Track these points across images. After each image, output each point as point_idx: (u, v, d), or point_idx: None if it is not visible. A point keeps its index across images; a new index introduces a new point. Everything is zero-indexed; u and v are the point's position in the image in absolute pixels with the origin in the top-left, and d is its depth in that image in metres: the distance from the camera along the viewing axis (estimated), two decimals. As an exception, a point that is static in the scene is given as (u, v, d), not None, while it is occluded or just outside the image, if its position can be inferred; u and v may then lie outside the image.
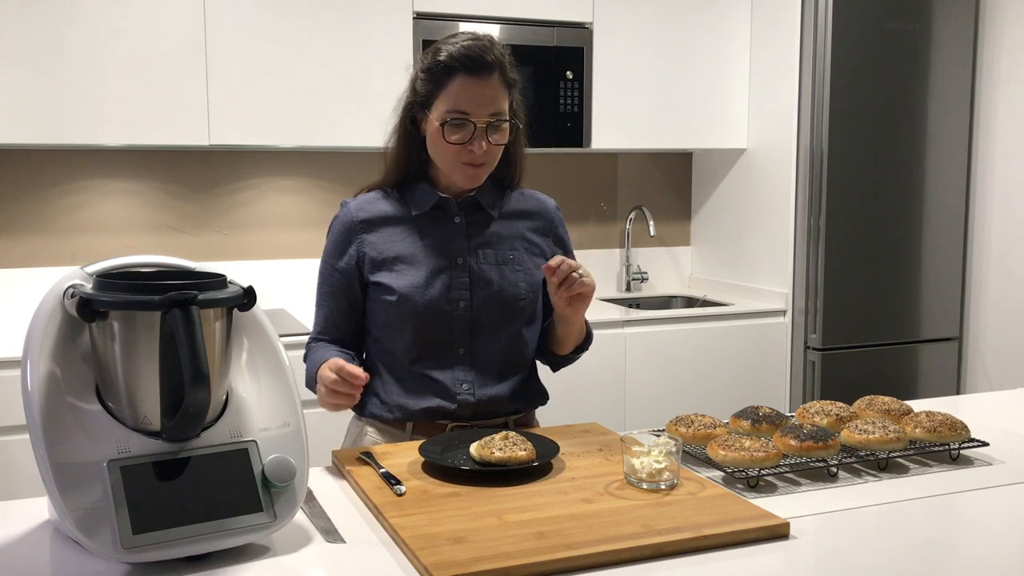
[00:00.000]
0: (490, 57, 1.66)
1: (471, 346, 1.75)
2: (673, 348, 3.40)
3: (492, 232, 1.79)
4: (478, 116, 1.67)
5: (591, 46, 3.45)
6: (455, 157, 1.69)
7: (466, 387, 1.74)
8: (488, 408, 1.77)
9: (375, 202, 1.80)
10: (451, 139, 1.67)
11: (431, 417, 1.75)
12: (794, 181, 3.50)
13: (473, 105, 1.66)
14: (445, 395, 1.74)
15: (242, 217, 3.43)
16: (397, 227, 1.77)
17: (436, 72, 1.68)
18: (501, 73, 1.69)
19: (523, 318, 1.79)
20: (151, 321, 1.18)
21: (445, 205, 1.77)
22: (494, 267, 1.76)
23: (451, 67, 1.66)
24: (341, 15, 3.11)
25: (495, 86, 1.68)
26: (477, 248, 1.77)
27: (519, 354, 1.80)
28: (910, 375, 3.65)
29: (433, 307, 1.72)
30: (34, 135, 2.83)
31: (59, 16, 2.81)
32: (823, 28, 3.36)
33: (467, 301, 1.74)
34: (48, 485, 1.15)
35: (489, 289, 1.75)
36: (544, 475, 1.49)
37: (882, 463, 1.57)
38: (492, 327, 1.75)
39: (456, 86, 1.66)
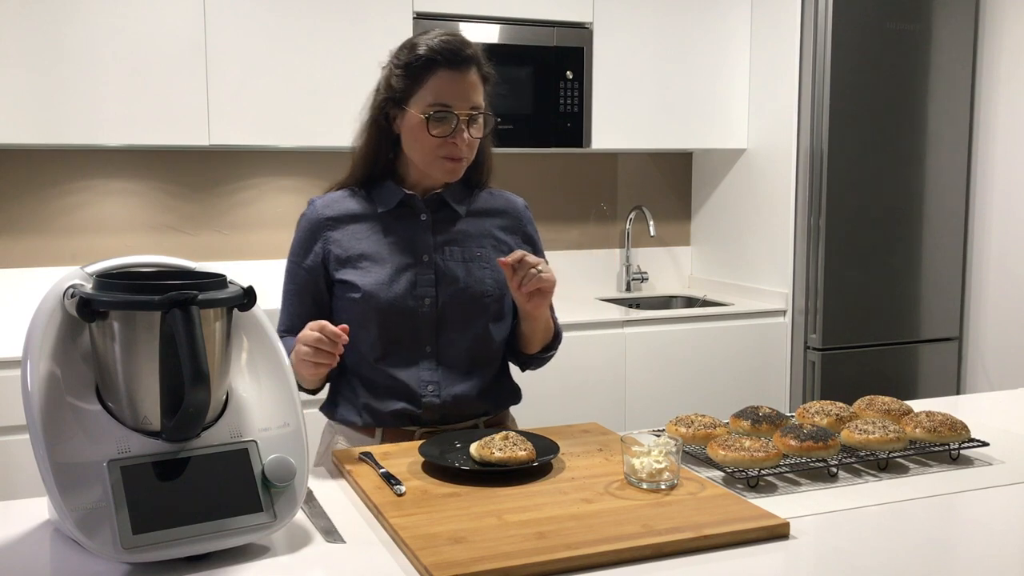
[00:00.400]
0: (469, 51, 1.69)
1: (437, 344, 1.74)
2: (673, 348, 3.40)
3: (459, 230, 1.79)
4: (460, 109, 1.68)
5: (591, 46, 3.45)
6: (436, 151, 1.70)
7: (431, 388, 1.73)
8: (455, 410, 1.75)
9: (341, 200, 1.81)
10: (434, 132, 1.68)
11: (398, 421, 1.74)
12: (794, 181, 3.50)
13: (455, 98, 1.67)
14: (410, 398, 1.73)
15: (242, 217, 3.43)
16: (362, 224, 1.77)
17: (416, 67, 1.68)
18: (478, 67, 1.71)
19: (489, 315, 1.78)
20: (151, 321, 1.18)
21: (411, 202, 1.77)
22: (460, 264, 1.76)
23: (432, 60, 1.67)
24: (341, 15, 3.11)
25: (473, 79, 1.70)
26: (443, 245, 1.76)
27: (486, 352, 1.79)
28: (910, 375, 3.65)
29: (398, 304, 1.71)
30: (34, 135, 2.83)
31: (59, 16, 2.81)
32: (823, 28, 3.36)
33: (432, 298, 1.73)
34: (48, 485, 1.15)
35: (455, 286, 1.74)
36: (544, 475, 1.49)
37: (882, 463, 1.57)
38: (458, 324, 1.74)
39: (438, 80, 1.67)
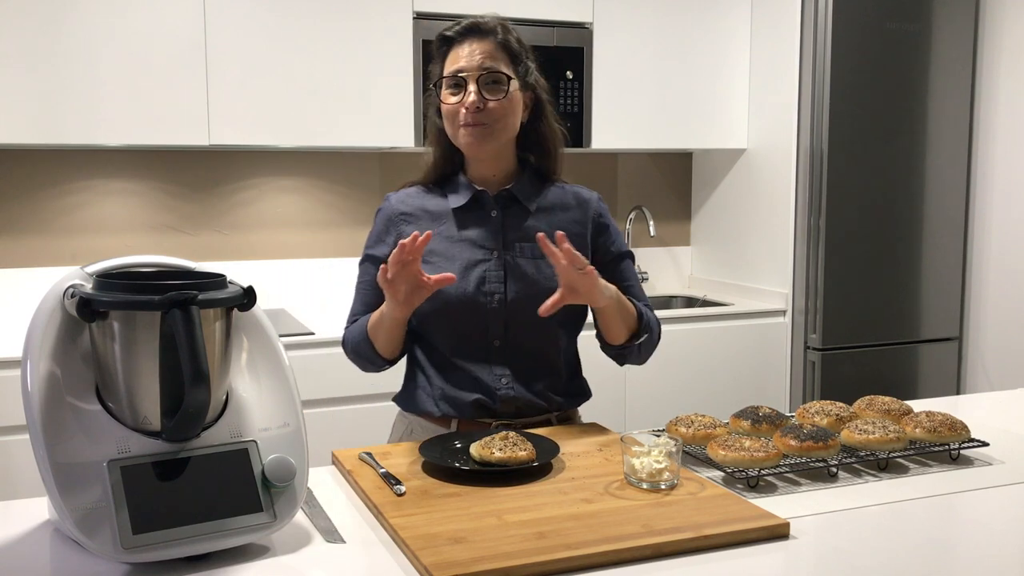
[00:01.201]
0: (484, 26, 1.74)
1: (506, 340, 1.76)
2: (673, 348, 3.40)
3: (530, 226, 1.80)
4: (469, 71, 1.71)
5: (591, 46, 3.45)
6: (455, 120, 1.73)
7: (505, 381, 1.75)
8: (530, 404, 1.77)
9: (416, 196, 1.85)
10: (448, 101, 1.72)
11: (476, 412, 1.75)
12: (794, 181, 3.50)
13: (464, 63, 1.71)
14: (486, 391, 1.75)
15: (242, 217, 3.43)
16: (435, 220, 1.80)
17: (438, 50, 1.77)
18: (494, 36, 1.74)
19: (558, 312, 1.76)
20: (151, 321, 1.18)
21: (482, 198, 1.79)
22: (530, 261, 1.77)
23: (447, 38, 1.75)
24: (341, 15, 3.11)
25: (487, 47, 1.72)
26: (514, 242, 1.78)
27: (555, 348, 1.81)
28: (910, 375, 3.65)
29: (467, 299, 1.73)
30: (34, 135, 2.83)
31: (59, 16, 2.81)
32: (823, 28, 3.36)
33: (501, 294, 1.74)
34: (48, 485, 1.15)
35: (524, 282, 1.76)
36: (544, 475, 1.49)
37: (882, 463, 1.57)
38: (527, 321, 1.74)
39: (454, 53, 1.73)
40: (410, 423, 1.83)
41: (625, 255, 1.89)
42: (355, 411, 2.92)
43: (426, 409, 1.79)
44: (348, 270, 3.56)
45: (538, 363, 1.78)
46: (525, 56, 1.78)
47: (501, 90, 1.72)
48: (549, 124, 1.83)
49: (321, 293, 3.52)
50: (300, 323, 3.10)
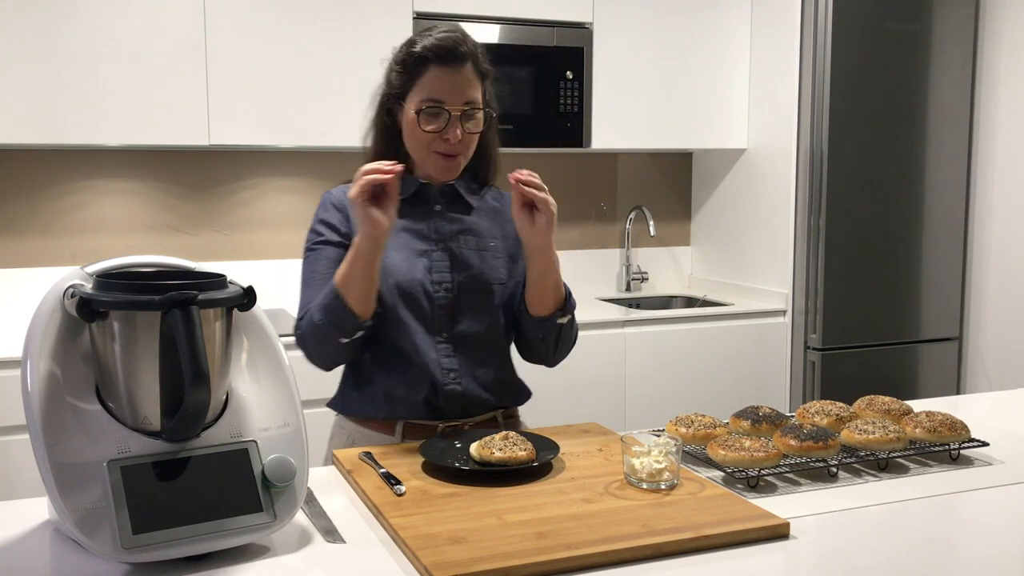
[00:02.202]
0: (463, 48, 1.70)
1: (452, 330, 1.75)
2: (673, 348, 3.40)
3: (472, 221, 1.81)
4: (452, 104, 1.69)
5: (591, 46, 3.45)
6: (429, 146, 1.71)
7: (452, 375, 1.73)
8: (475, 401, 1.76)
9: None
10: (426, 128, 1.70)
11: (423, 412, 1.73)
12: (794, 181, 3.50)
13: (447, 94, 1.69)
14: (432, 386, 1.72)
15: (242, 217, 3.43)
16: None
17: (410, 64, 1.71)
18: (474, 63, 1.72)
19: (501, 306, 1.78)
20: (151, 321, 1.18)
21: (426, 192, 1.78)
22: (475, 252, 1.77)
23: (425, 58, 1.69)
24: (341, 15, 3.11)
25: (468, 75, 1.71)
26: (458, 234, 1.78)
27: (499, 342, 1.80)
28: (910, 375, 3.65)
29: (415, 288, 1.72)
30: (34, 135, 2.83)
31: (59, 16, 2.81)
32: (823, 28, 3.36)
33: (449, 283, 1.74)
34: (48, 485, 1.15)
35: (469, 272, 1.76)
36: (544, 475, 1.49)
37: (882, 463, 1.57)
38: (473, 312, 1.75)
39: (430, 76, 1.69)
40: (350, 433, 1.78)
41: None
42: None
43: (367, 412, 1.76)
44: (348, 270, 3.56)
45: (484, 357, 1.77)
46: (491, 73, 1.77)
47: (477, 121, 1.73)
48: (493, 134, 1.83)
49: (321, 293, 3.51)
50: (300, 323, 3.09)
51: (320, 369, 1.74)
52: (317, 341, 1.68)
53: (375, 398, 1.75)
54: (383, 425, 1.75)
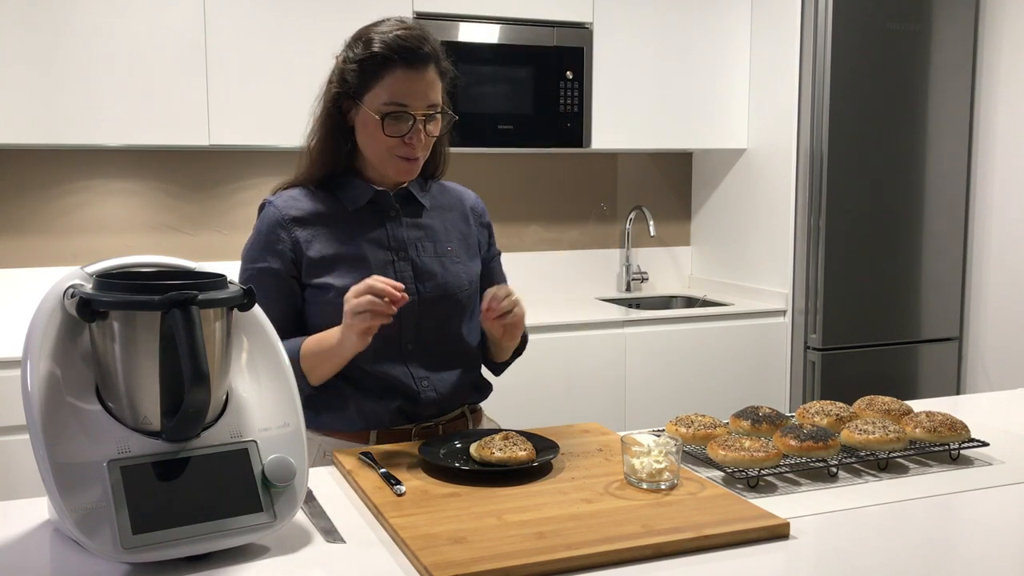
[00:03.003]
0: (427, 48, 1.65)
1: (418, 341, 1.73)
2: (673, 348, 3.40)
3: (427, 224, 1.78)
4: (416, 108, 1.65)
5: (591, 46, 3.44)
6: (391, 150, 1.67)
7: (426, 383, 1.73)
8: (449, 403, 1.77)
9: (302, 200, 1.73)
10: (390, 133, 1.64)
11: (396, 420, 1.72)
12: (794, 181, 3.50)
13: (412, 98, 1.64)
14: (406, 395, 1.72)
15: (242, 217, 3.43)
16: (332, 225, 1.71)
17: (371, 63, 1.64)
18: (436, 64, 1.67)
19: (464, 311, 1.78)
20: (151, 321, 1.18)
21: (382, 199, 1.74)
22: (435, 259, 1.75)
23: (388, 58, 1.63)
24: (341, 15, 3.11)
25: (431, 77, 1.66)
26: (416, 241, 1.76)
27: (463, 346, 1.79)
28: (910, 375, 3.65)
29: None
30: (34, 135, 2.83)
31: (59, 16, 2.81)
32: (823, 28, 3.36)
33: (414, 295, 1.70)
34: (48, 485, 1.15)
35: (434, 281, 1.74)
36: (544, 475, 1.49)
37: (882, 463, 1.57)
38: (437, 320, 1.74)
39: (394, 78, 1.63)
40: (321, 444, 1.70)
41: (497, 255, 1.93)
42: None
43: (340, 426, 1.72)
44: (348, 270, 3.56)
45: (451, 360, 1.77)
46: (450, 74, 1.73)
47: (438, 123, 1.70)
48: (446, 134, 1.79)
49: (321, 293, 3.51)
50: (300, 323, 3.09)
51: None
52: None
53: (347, 413, 1.72)
54: (356, 436, 1.72)
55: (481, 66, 3.28)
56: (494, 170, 3.70)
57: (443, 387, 1.75)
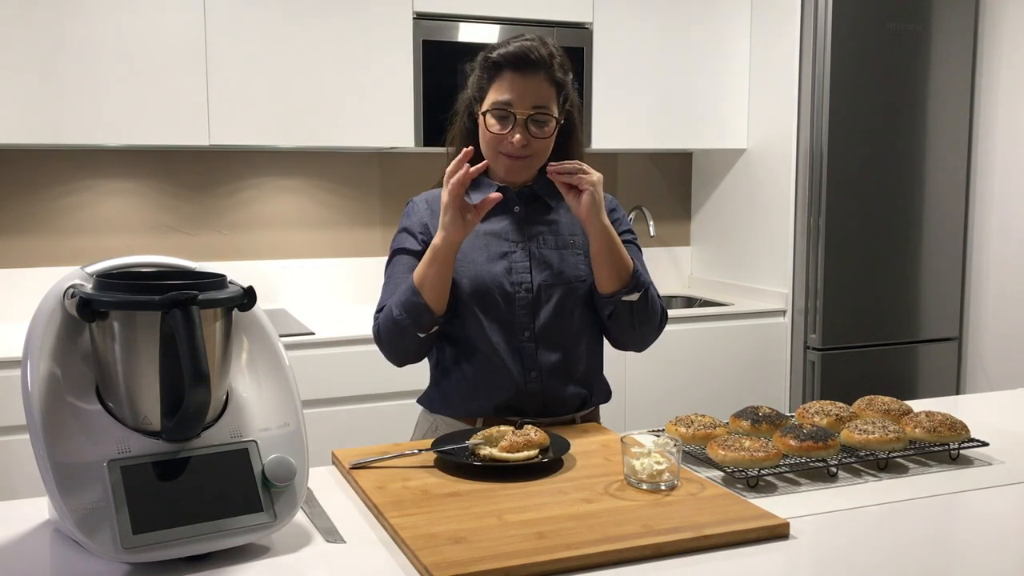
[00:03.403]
0: (535, 56, 1.73)
1: (535, 330, 1.77)
2: (673, 348, 3.40)
3: (553, 220, 1.84)
4: (520, 108, 1.73)
5: (591, 46, 3.44)
6: (495, 146, 1.76)
7: (534, 375, 1.77)
8: (556, 402, 1.79)
9: (438, 195, 1.83)
10: (491, 129, 1.75)
11: (504, 411, 1.77)
12: (794, 181, 3.50)
13: (514, 97, 1.73)
14: (514, 387, 1.76)
15: (242, 217, 3.43)
16: None
17: (486, 68, 1.77)
18: (547, 71, 1.75)
19: (584, 302, 1.81)
20: (151, 321, 1.18)
21: (504, 194, 1.80)
22: (554, 251, 1.80)
23: (499, 64, 1.75)
24: (341, 15, 3.11)
25: (540, 82, 1.74)
26: (537, 234, 1.81)
27: (582, 340, 1.82)
28: (910, 375, 3.65)
29: (495, 290, 1.76)
30: (34, 135, 2.83)
31: (59, 16, 2.81)
32: (823, 28, 3.36)
33: (529, 283, 1.77)
34: (48, 485, 1.15)
35: (550, 271, 1.79)
36: (544, 475, 1.49)
37: (882, 463, 1.57)
38: (554, 310, 1.78)
39: (502, 81, 1.74)
40: (434, 421, 1.84)
41: (630, 243, 1.90)
42: (355, 411, 2.92)
43: (453, 410, 1.81)
44: (348, 270, 3.56)
45: (567, 355, 1.80)
46: (569, 81, 1.80)
47: (547, 129, 1.76)
48: (578, 140, 1.86)
49: (321, 293, 3.52)
50: (300, 323, 3.09)
51: (392, 364, 1.81)
52: (394, 335, 1.74)
53: (457, 399, 1.80)
54: (466, 420, 1.80)
55: (481, 66, 3.27)
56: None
57: (551, 382, 1.78)
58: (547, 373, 1.78)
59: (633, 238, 1.92)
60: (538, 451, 1.52)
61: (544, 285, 1.78)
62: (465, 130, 1.84)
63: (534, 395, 1.77)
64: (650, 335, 1.88)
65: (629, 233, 1.92)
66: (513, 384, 1.76)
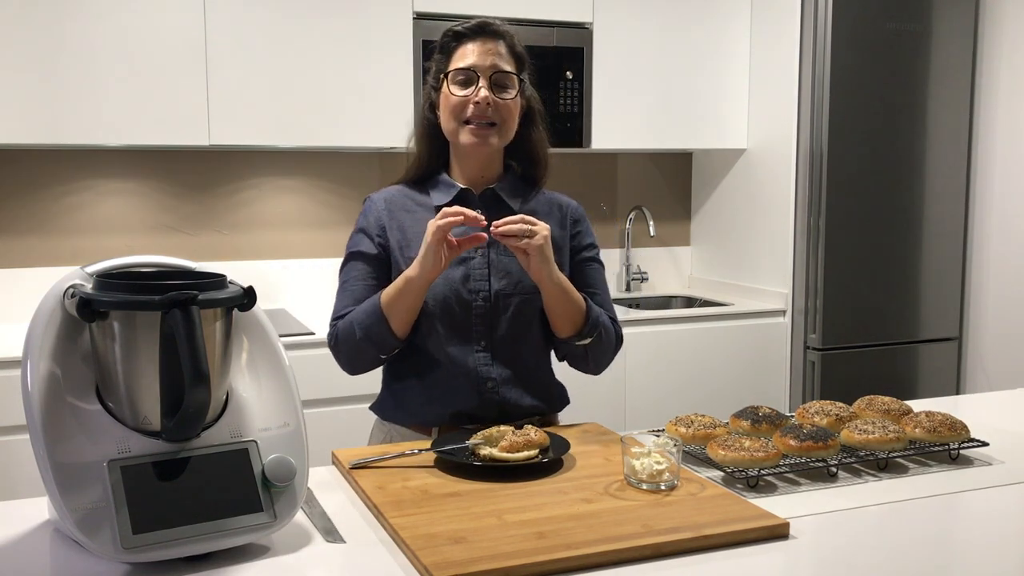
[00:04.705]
0: (495, 27, 1.76)
1: (491, 338, 1.75)
2: (673, 348, 3.40)
3: None
4: (482, 69, 1.72)
5: (591, 46, 3.44)
6: (458, 115, 1.73)
7: (490, 385, 1.74)
8: (514, 408, 1.76)
9: (398, 193, 1.84)
10: (456, 92, 1.72)
11: (460, 419, 1.74)
12: (794, 181, 3.50)
13: (478, 59, 1.72)
14: (468, 396, 1.73)
15: (242, 217, 3.43)
16: (418, 216, 1.78)
17: (448, 42, 1.77)
18: (507, 42, 1.76)
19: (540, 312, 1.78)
20: (151, 321, 1.18)
21: (466, 197, 1.78)
22: (514, 259, 1.75)
23: (460, 34, 1.75)
24: (341, 15, 3.12)
25: (500, 49, 1.74)
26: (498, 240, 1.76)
27: (538, 349, 1.80)
28: (910, 375, 3.65)
29: (453, 295, 1.73)
30: (34, 135, 2.83)
31: (59, 16, 2.81)
32: (823, 28, 3.36)
33: (486, 292, 1.74)
34: (48, 485, 1.15)
35: (508, 279, 1.75)
36: (544, 475, 1.49)
37: (882, 463, 1.57)
38: (511, 319, 1.75)
39: (464, 49, 1.74)
40: (389, 431, 1.81)
41: (592, 260, 1.87)
42: (355, 411, 2.92)
43: (409, 417, 1.78)
44: (348, 270, 3.56)
45: (523, 364, 1.77)
46: (526, 64, 1.80)
47: (510, 91, 1.74)
48: (540, 132, 1.84)
49: (321, 293, 3.51)
50: (300, 323, 3.09)
51: (346, 372, 1.79)
52: (353, 353, 1.73)
53: (413, 406, 1.77)
54: (421, 428, 1.78)
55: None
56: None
57: (509, 391, 1.75)
58: (503, 383, 1.75)
59: (596, 254, 1.89)
60: (538, 451, 1.52)
61: (502, 294, 1.75)
62: (427, 123, 1.81)
63: (490, 404, 1.74)
64: (604, 364, 1.86)
65: (592, 248, 1.88)
66: (469, 393, 1.73)
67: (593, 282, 1.86)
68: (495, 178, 1.81)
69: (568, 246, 1.84)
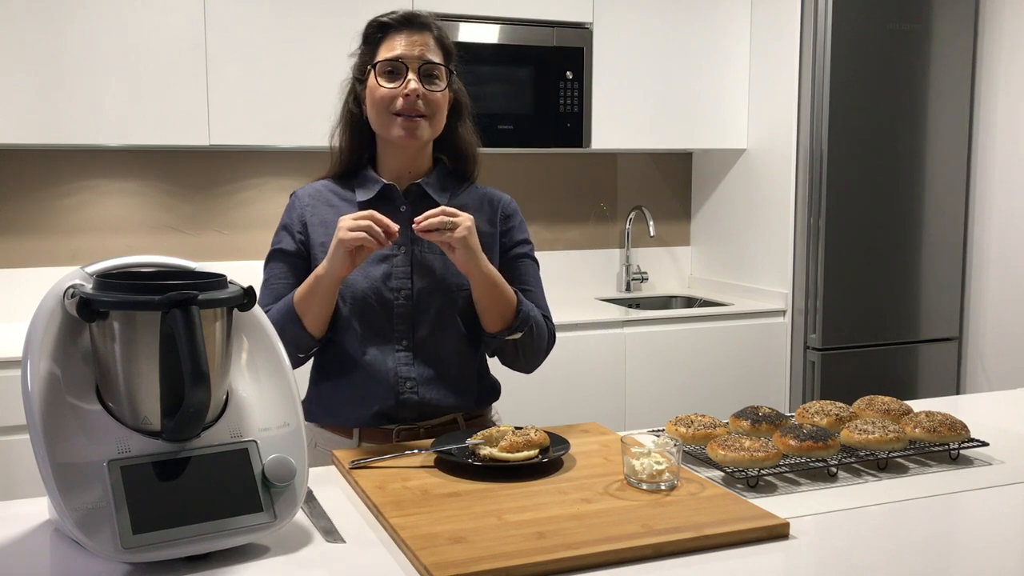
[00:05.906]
0: (422, 18, 1.73)
1: (413, 338, 1.72)
2: (673, 348, 3.40)
3: None
4: (410, 60, 1.69)
5: (591, 46, 3.45)
6: (386, 108, 1.70)
7: (409, 384, 1.71)
8: (432, 407, 1.74)
9: (322, 189, 1.83)
10: (384, 84, 1.69)
11: (376, 421, 1.72)
12: (794, 181, 3.50)
13: (405, 50, 1.70)
14: (388, 396, 1.71)
15: (242, 217, 3.43)
16: (343, 211, 1.73)
17: (372, 34, 1.74)
18: (434, 32, 1.73)
19: (465, 310, 1.75)
20: (151, 321, 1.18)
21: (390, 193, 1.76)
22: (438, 256, 1.73)
23: (385, 25, 1.73)
24: (341, 15, 3.11)
25: (428, 40, 1.72)
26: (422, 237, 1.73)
27: (462, 347, 1.76)
28: (910, 375, 3.65)
29: (373, 294, 1.70)
30: (34, 135, 2.83)
31: (59, 16, 2.81)
32: (823, 28, 3.36)
33: (408, 290, 1.71)
34: (48, 485, 1.15)
35: (431, 277, 1.72)
36: (544, 475, 1.49)
37: (882, 463, 1.57)
38: (433, 318, 1.72)
39: (390, 40, 1.71)
40: (312, 435, 1.74)
41: (525, 256, 1.84)
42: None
43: (324, 419, 1.76)
44: (348, 270, 3.56)
45: (445, 364, 1.75)
46: (454, 56, 1.77)
47: (439, 83, 1.72)
48: (467, 125, 1.81)
49: (321, 293, 3.51)
50: (300, 323, 3.09)
51: None
52: None
53: (332, 405, 1.75)
54: (341, 430, 1.75)
55: (481, 66, 3.28)
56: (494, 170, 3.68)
57: (428, 391, 1.73)
58: (424, 383, 1.72)
59: (529, 250, 1.85)
60: (538, 451, 1.52)
61: (424, 292, 1.72)
62: (351, 116, 1.78)
63: (408, 405, 1.72)
64: (536, 362, 1.84)
65: (526, 244, 1.85)
66: (388, 394, 1.71)
67: (526, 278, 1.83)
68: (423, 172, 1.79)
69: (499, 242, 1.82)
